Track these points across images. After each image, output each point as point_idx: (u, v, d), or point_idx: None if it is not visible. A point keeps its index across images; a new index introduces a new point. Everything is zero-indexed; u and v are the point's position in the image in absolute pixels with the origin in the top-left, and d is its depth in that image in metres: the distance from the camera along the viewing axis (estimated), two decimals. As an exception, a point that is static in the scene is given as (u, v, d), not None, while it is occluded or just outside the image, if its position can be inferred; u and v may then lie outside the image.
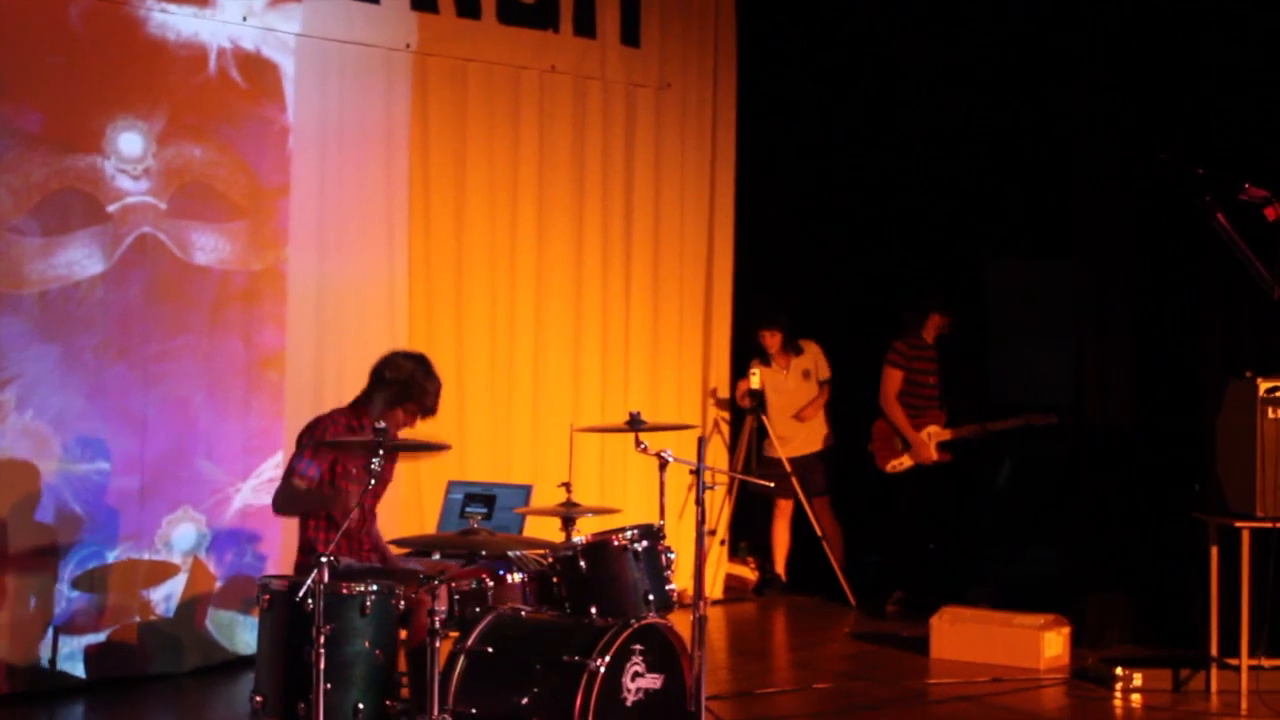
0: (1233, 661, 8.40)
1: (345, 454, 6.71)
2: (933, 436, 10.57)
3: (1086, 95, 9.87)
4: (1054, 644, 9.17)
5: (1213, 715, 8.28)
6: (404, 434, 6.95)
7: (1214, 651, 8.50)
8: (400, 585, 6.39)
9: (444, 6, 9.61)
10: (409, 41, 9.43)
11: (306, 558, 6.79)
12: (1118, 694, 8.61)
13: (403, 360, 7.03)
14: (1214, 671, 8.54)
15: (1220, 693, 8.49)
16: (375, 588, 6.25)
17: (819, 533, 11.01)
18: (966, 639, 9.17)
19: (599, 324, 10.51)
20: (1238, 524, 8.24)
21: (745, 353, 11.33)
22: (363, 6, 9.25)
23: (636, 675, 6.32)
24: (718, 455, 11.06)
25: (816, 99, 12.05)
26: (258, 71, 8.84)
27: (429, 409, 7.01)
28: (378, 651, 6.23)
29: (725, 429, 11.33)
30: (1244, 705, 8.20)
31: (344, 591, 6.17)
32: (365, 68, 9.32)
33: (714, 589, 11.03)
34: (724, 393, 11.26)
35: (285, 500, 6.85)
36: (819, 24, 11.79)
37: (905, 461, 10.63)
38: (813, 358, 11.17)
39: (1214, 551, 8.43)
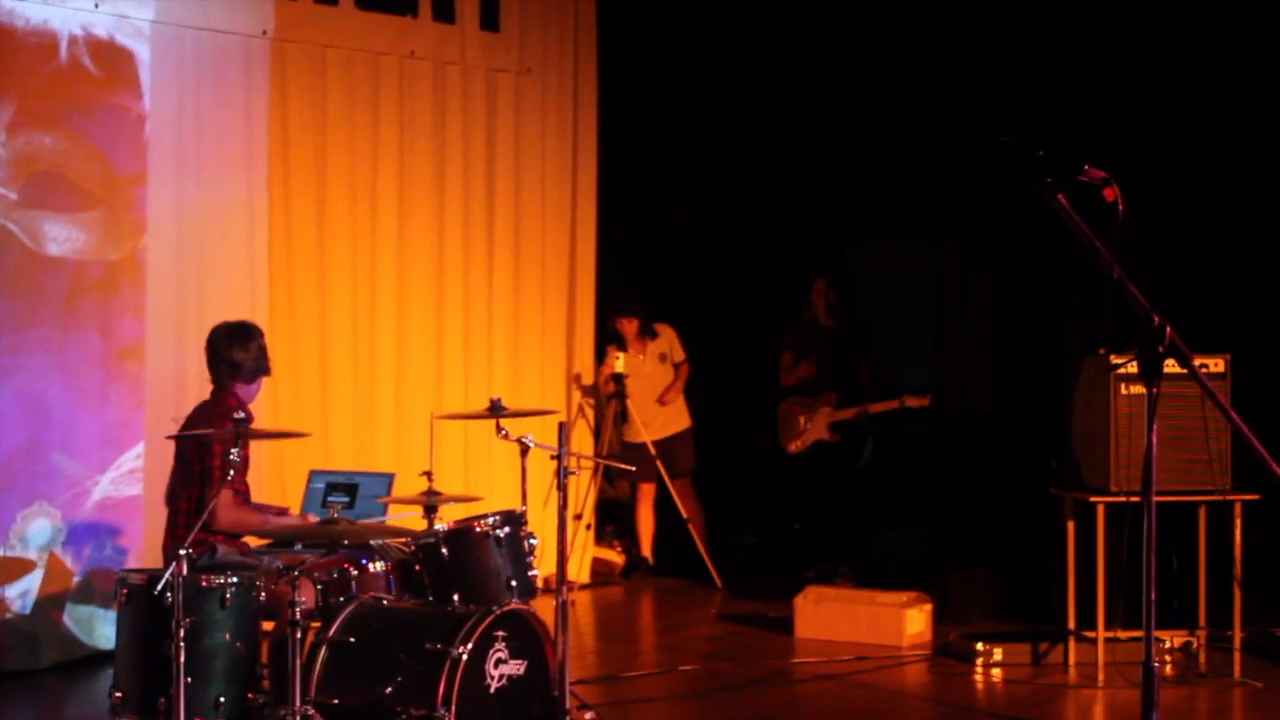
0: (1090, 634, 8.52)
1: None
2: (825, 417, 10.86)
3: (948, 80, 10.03)
4: (916, 621, 9.27)
5: (1070, 686, 8.41)
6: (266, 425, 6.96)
7: (1071, 625, 8.62)
8: (262, 577, 6.37)
9: None
10: (265, 28, 9.36)
11: (169, 548, 6.80)
12: (979, 669, 8.72)
13: (219, 335, 7.13)
14: (1071, 644, 8.67)
15: (1078, 664, 8.62)
16: (235, 579, 6.22)
17: (683, 514, 11.11)
18: (831, 618, 9.26)
19: (461, 310, 10.50)
20: (1093, 499, 8.35)
21: (604, 339, 11.41)
22: (218, -9, 9.18)
23: (500, 662, 6.32)
24: (583, 440, 11.12)
25: (677, 84, 12.07)
26: (112, 59, 8.72)
27: (263, 368, 7.16)
28: (238, 644, 6.21)
29: (590, 414, 11.38)
30: (1101, 676, 8.32)
31: (203, 584, 6.13)
32: (222, 55, 9.22)
33: (581, 573, 11.05)
34: (588, 378, 11.31)
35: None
36: (680, 6, 11.83)
37: (807, 439, 10.93)
38: (667, 341, 11.27)
39: (1070, 526, 8.55)
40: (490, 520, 6.94)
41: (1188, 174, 9.67)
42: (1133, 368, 8.09)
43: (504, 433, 7.02)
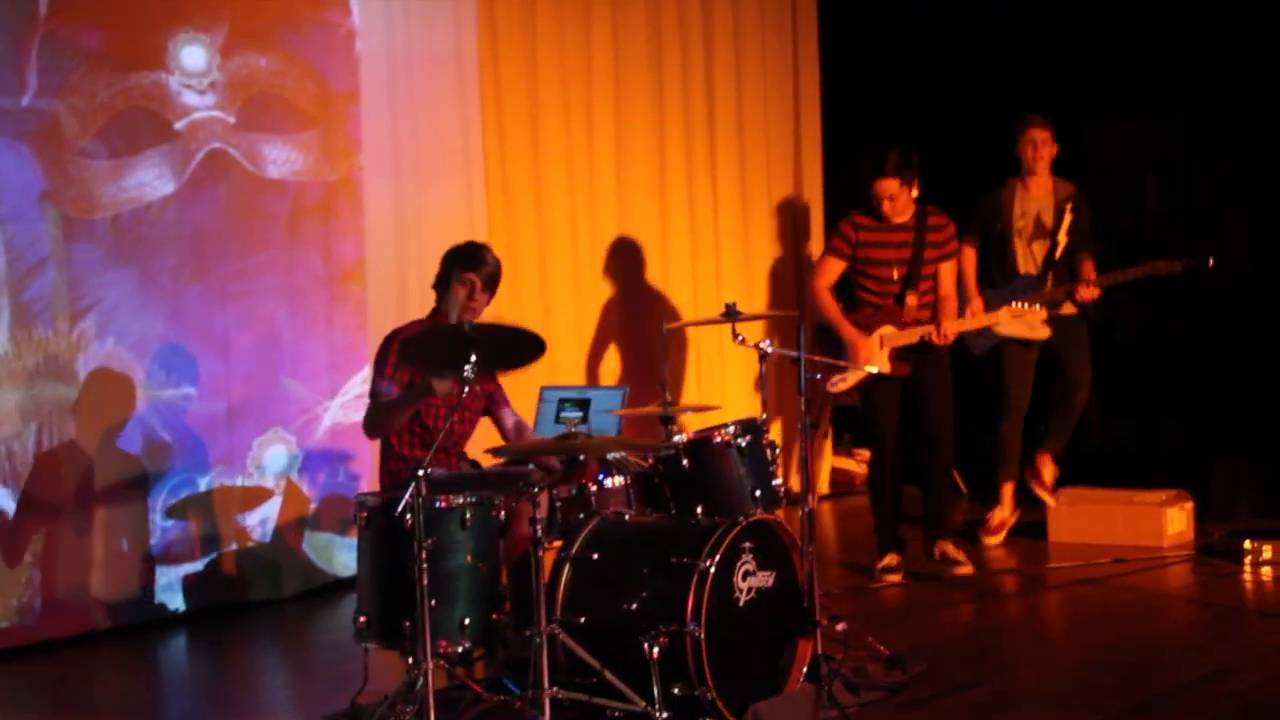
0: None
1: (426, 368, 6.65)
2: (886, 340, 8.43)
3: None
4: (1178, 520, 9.17)
5: None
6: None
7: None
8: (500, 495, 6.36)
9: None
10: (471, -66, 9.36)
11: (396, 471, 6.81)
12: (1247, 568, 8.57)
13: (450, 251, 7.10)
14: None
15: None
16: (474, 499, 6.22)
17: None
18: (1086, 520, 9.15)
19: (686, 218, 10.51)
20: None
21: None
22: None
23: (748, 574, 6.25)
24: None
25: None
26: (318, -27, 8.77)
27: (488, 275, 7.01)
28: (481, 564, 6.22)
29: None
30: None
31: (442, 505, 6.15)
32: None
33: (821, 483, 11.03)
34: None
35: (374, 420, 6.84)
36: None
37: (849, 379, 8.46)
38: None
39: None
40: (730, 429, 6.90)
41: None
42: None
43: (741, 339, 6.97)
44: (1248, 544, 8.66)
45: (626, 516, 6.59)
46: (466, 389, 6.11)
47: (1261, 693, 6.41)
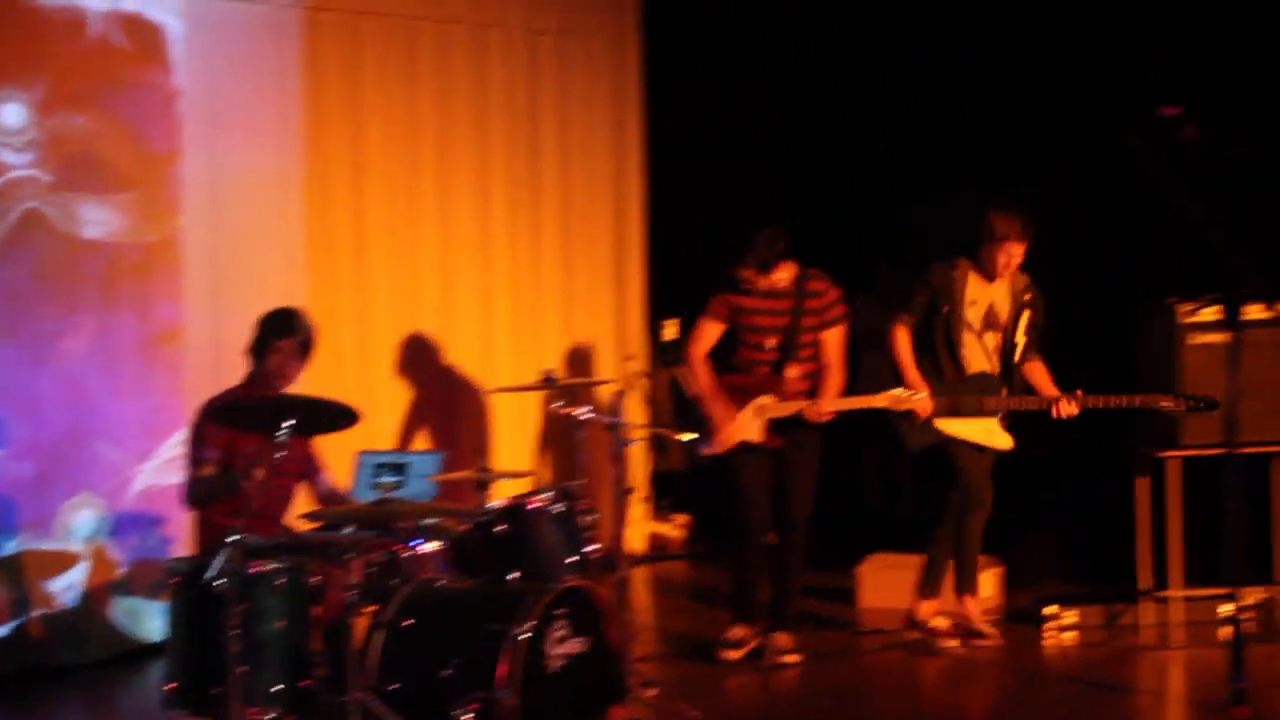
0: (1164, 594, 8.59)
1: (241, 431, 6.68)
2: (763, 410, 8.11)
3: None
4: (986, 586, 9.19)
5: (1146, 648, 8.43)
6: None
7: (1145, 585, 8.68)
8: (313, 560, 6.37)
9: None
10: (298, -3, 9.40)
11: (210, 537, 6.79)
12: (1050, 633, 8.70)
13: (263, 317, 7.20)
14: (1146, 605, 8.70)
15: (1153, 625, 8.65)
16: (287, 565, 6.24)
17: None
18: (894, 586, 9.20)
19: (508, 282, 10.50)
20: (1162, 453, 8.45)
21: (656, 308, 11.38)
22: (248, -36, 9.20)
23: (560, 640, 6.34)
24: (635, 412, 11.01)
25: (725, 42, 12.04)
26: (141, 34, 8.71)
27: (300, 342, 7.20)
28: (292, 630, 6.22)
29: (643, 385, 11.35)
30: (1178, 637, 8.38)
31: (254, 571, 6.15)
32: (253, 26, 9.22)
33: (639, 549, 11.05)
34: (638, 346, 11.31)
35: (194, 496, 6.89)
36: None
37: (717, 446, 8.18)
38: None
39: (1141, 483, 8.62)
40: (545, 496, 6.98)
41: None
42: (1208, 314, 8.19)
43: (558, 406, 7.03)
44: (1051, 609, 8.78)
45: (440, 582, 6.64)
46: (280, 455, 6.16)
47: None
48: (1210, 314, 8.28)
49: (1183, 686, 7.95)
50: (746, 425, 8.02)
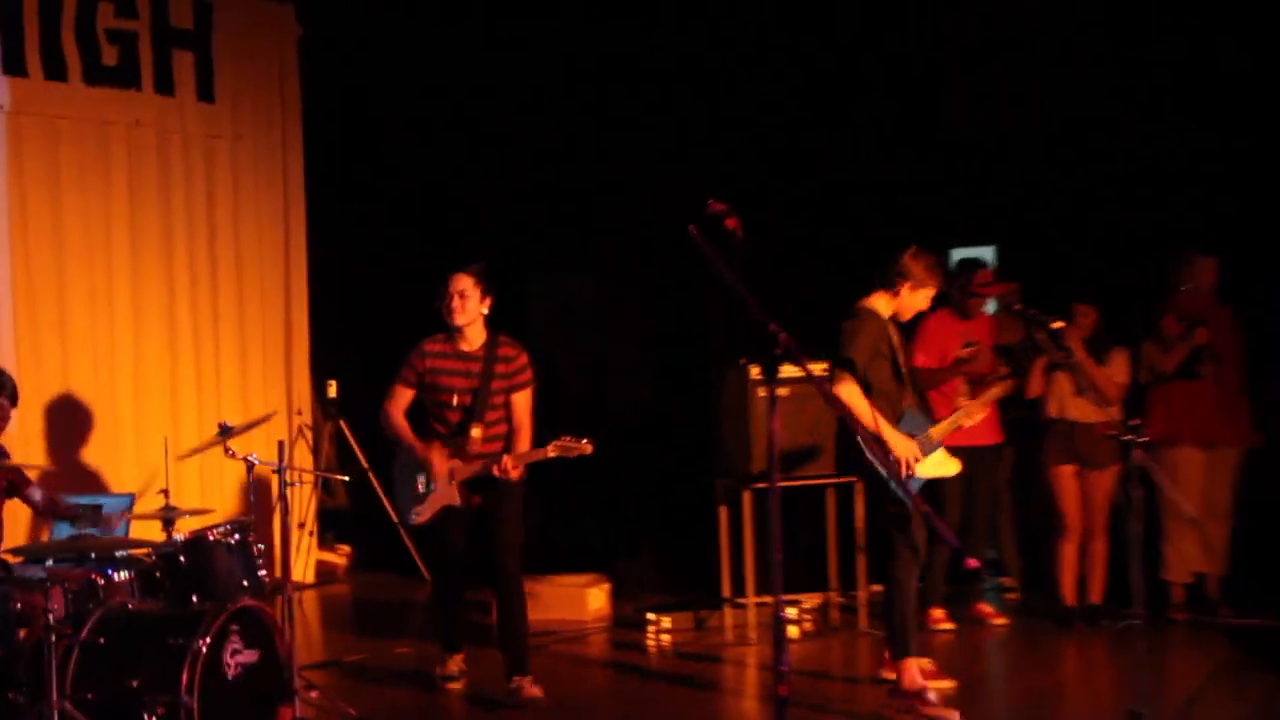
0: (741, 600, 8.80)
1: None
2: (455, 473, 7.49)
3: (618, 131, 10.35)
4: (597, 598, 9.42)
5: (728, 645, 8.64)
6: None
7: (726, 593, 8.88)
8: (16, 589, 6.22)
9: (33, 71, 9.29)
10: (2, 103, 9.12)
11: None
12: (651, 636, 8.88)
13: None
14: (727, 610, 8.92)
15: (733, 626, 8.87)
16: (-7, 592, 6.07)
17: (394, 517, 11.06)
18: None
19: (191, 349, 10.30)
20: (739, 485, 8.63)
21: (319, 368, 11.28)
22: (-44, 71, 8.91)
23: (235, 652, 6.27)
24: (303, 457, 10.92)
25: (377, 134, 12.07)
26: None
27: (11, 394, 7.06)
28: (1, 648, 6.09)
29: (309, 434, 11.19)
30: (752, 635, 8.61)
31: (-37, 598, 5.98)
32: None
33: (307, 574, 10.92)
34: (302, 403, 11.17)
35: None
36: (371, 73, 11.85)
37: (425, 513, 7.57)
38: None
39: (722, 510, 8.82)
40: (222, 529, 6.85)
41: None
42: (756, 371, 8.48)
43: (231, 453, 6.97)
44: (651, 616, 8.97)
45: (130, 605, 6.49)
46: None
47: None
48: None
49: (755, 674, 8.11)
50: (444, 492, 7.44)
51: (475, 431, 7.38)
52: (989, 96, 10.78)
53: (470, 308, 7.35)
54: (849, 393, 6.87)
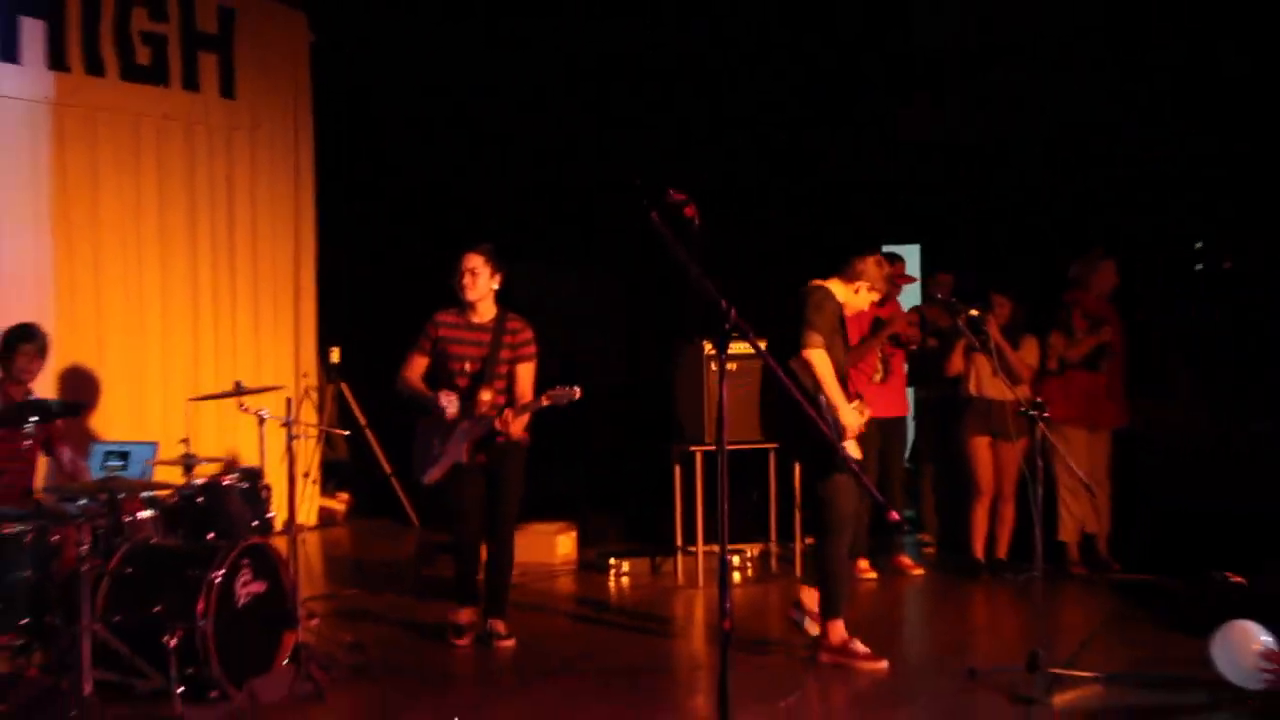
0: (692, 548, 8.91)
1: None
2: (464, 433, 7.44)
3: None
4: (565, 544, 9.59)
5: (679, 588, 8.81)
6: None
7: (679, 543, 8.98)
8: (53, 524, 6.35)
9: (75, 67, 9.49)
10: (48, 95, 9.31)
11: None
12: (612, 578, 9.09)
13: (6, 331, 7.24)
14: (679, 557, 9.04)
15: (684, 571, 9.00)
16: (32, 527, 6.23)
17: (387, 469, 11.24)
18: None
19: (211, 316, 10.50)
20: (691, 449, 8.74)
21: (324, 336, 11.33)
22: (6, 66, 9.10)
23: (246, 583, 6.35)
24: (309, 413, 11.07)
25: (386, 128, 11.98)
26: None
27: (39, 347, 7.28)
28: (38, 577, 6.19)
29: (314, 395, 11.34)
30: (700, 579, 8.78)
31: (5, 531, 6.18)
32: (9, 118, 9.18)
33: (310, 518, 10.97)
34: (307, 365, 11.28)
35: None
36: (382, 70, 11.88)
37: (435, 473, 7.47)
38: None
39: (676, 470, 8.90)
40: (235, 475, 7.02)
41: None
42: (709, 347, 8.59)
43: (245, 408, 7.02)
44: (612, 560, 9.18)
45: (153, 540, 6.63)
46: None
47: (613, 661, 7.00)
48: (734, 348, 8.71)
49: (702, 613, 8.23)
50: (454, 450, 7.33)
51: (484, 394, 7.27)
52: (989, 100, 10.45)
53: (480, 284, 7.25)
54: (819, 358, 6.66)
